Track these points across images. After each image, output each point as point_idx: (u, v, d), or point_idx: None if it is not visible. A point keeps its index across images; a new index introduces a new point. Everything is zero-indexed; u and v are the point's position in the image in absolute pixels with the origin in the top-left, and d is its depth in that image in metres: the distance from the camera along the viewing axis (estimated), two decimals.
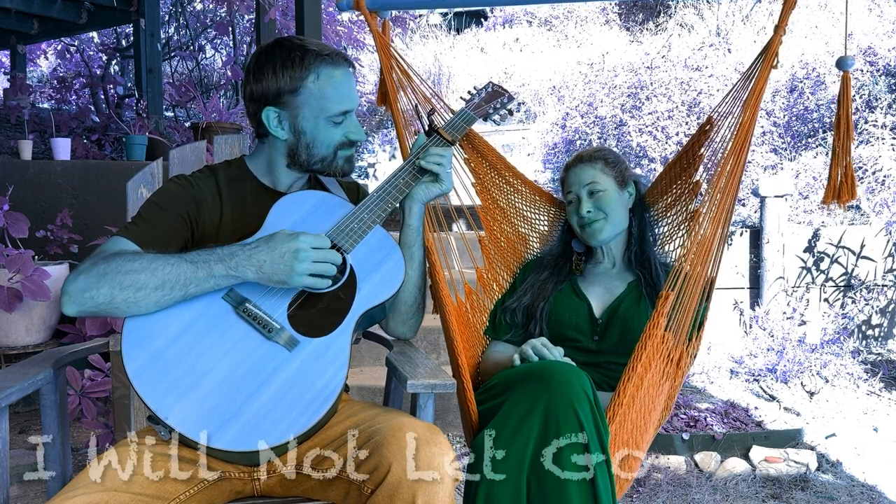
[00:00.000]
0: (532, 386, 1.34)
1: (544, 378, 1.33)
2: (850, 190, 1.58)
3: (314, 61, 1.37)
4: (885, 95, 4.90)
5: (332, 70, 1.38)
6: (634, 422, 1.47)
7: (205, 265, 1.21)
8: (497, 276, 1.93)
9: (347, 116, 1.41)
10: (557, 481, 1.27)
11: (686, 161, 1.82)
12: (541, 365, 1.41)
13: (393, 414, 1.29)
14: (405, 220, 1.49)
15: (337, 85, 1.38)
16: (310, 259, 1.21)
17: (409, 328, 1.54)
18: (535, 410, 1.30)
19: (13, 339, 2.88)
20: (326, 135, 1.40)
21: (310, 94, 1.37)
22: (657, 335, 1.41)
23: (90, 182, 3.70)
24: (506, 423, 1.32)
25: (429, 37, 8.98)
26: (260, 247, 1.22)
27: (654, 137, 5.06)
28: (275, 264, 1.20)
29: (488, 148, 1.96)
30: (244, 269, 1.21)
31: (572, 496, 1.26)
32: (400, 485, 1.10)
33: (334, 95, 1.38)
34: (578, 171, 1.77)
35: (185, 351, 1.19)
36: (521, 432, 1.29)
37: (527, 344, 1.53)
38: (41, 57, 7.05)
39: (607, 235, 1.74)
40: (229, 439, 1.14)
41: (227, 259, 1.21)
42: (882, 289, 4.01)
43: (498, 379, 1.49)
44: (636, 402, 1.43)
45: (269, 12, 4.44)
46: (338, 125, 1.40)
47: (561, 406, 1.28)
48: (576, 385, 1.30)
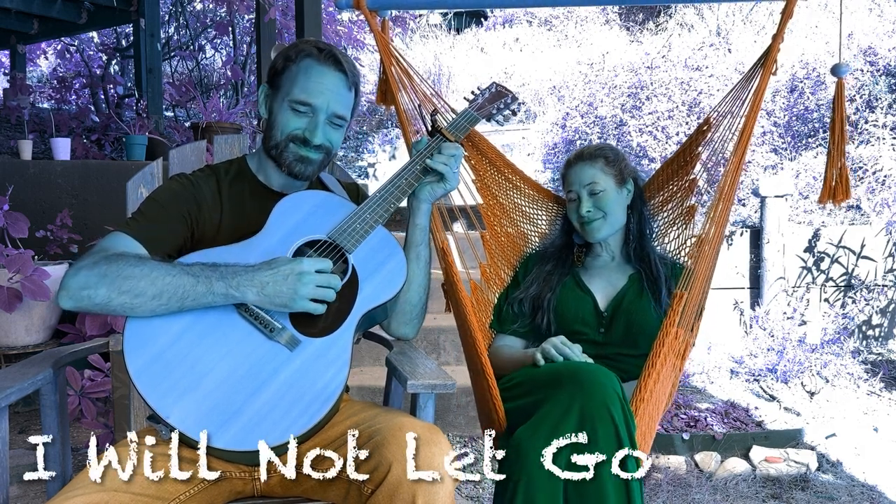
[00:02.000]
0: (565, 388, 1.38)
1: (575, 379, 1.38)
2: (845, 190, 1.68)
3: (307, 53, 1.41)
4: (885, 95, 4.90)
5: (314, 63, 1.40)
6: (651, 414, 1.53)
7: (206, 280, 1.20)
8: (499, 271, 1.98)
9: (313, 114, 1.40)
10: (594, 480, 1.30)
11: (683, 159, 1.87)
12: (568, 366, 1.46)
13: (393, 414, 1.29)
14: (413, 220, 1.49)
15: (311, 76, 1.40)
16: (313, 283, 1.21)
17: (413, 328, 1.54)
18: (572, 411, 1.34)
19: (13, 339, 2.88)
20: (283, 119, 1.41)
21: (287, 77, 1.41)
22: (672, 333, 1.46)
23: (90, 182, 3.70)
24: (542, 422, 1.36)
25: (429, 37, 8.98)
26: (262, 268, 1.22)
27: (654, 137, 5.06)
28: (277, 286, 1.20)
29: (489, 146, 1.98)
30: (245, 289, 1.20)
31: (609, 495, 1.31)
32: (400, 485, 1.10)
33: (304, 83, 1.39)
34: (579, 170, 1.81)
35: (186, 350, 1.19)
36: (558, 432, 1.32)
37: (547, 342, 1.56)
38: (41, 57, 7.05)
39: (606, 233, 1.79)
40: (230, 439, 1.14)
41: (228, 277, 1.21)
42: (882, 289, 4.01)
43: (522, 377, 1.53)
44: (653, 397, 1.49)
45: (269, 12, 4.44)
46: (298, 115, 1.40)
47: (595, 406, 1.33)
48: (608, 386, 1.35)
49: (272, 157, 1.44)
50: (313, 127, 1.40)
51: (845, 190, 1.68)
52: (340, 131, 1.46)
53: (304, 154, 1.41)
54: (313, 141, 1.40)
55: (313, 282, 1.21)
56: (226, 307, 1.24)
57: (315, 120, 1.40)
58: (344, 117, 1.44)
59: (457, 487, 2.52)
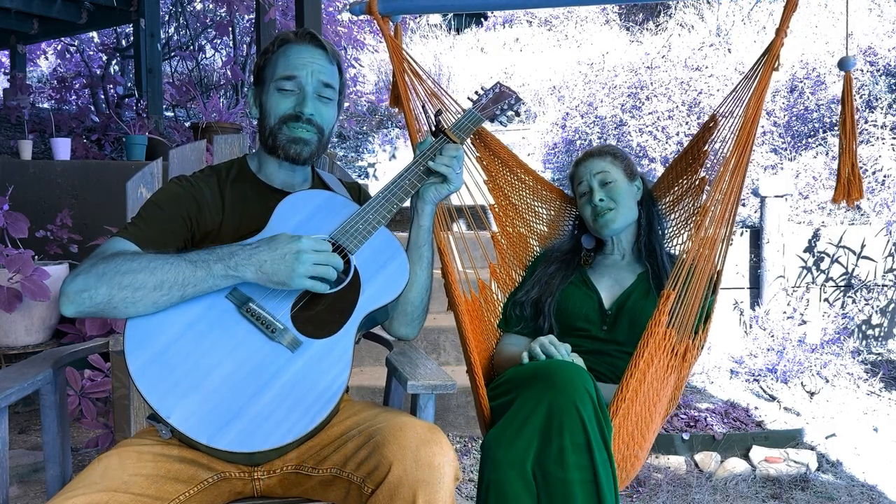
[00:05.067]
0: (536, 386, 1.36)
1: (548, 378, 1.35)
2: (858, 188, 1.62)
3: (283, 39, 1.44)
4: (885, 95, 4.90)
5: (292, 44, 1.43)
6: (639, 414, 1.49)
7: (203, 264, 1.20)
8: (510, 271, 1.98)
9: (300, 90, 1.41)
10: (561, 480, 1.28)
11: (691, 157, 1.87)
12: (545, 365, 1.44)
13: (393, 414, 1.28)
14: (416, 221, 1.48)
15: (290, 55, 1.42)
16: (311, 261, 1.20)
17: (414, 329, 1.53)
18: (539, 409, 1.31)
19: (13, 339, 2.88)
20: (272, 103, 1.42)
21: (269, 67, 1.44)
22: (659, 332, 1.43)
23: (90, 182, 3.70)
24: (511, 422, 1.34)
25: (429, 37, 8.99)
26: (261, 247, 1.22)
27: (654, 137, 5.06)
28: (275, 264, 1.20)
29: (500, 146, 1.99)
30: (244, 268, 1.20)
31: (576, 495, 1.28)
32: (400, 485, 1.10)
33: (284, 63, 1.42)
34: (589, 163, 1.82)
35: (187, 350, 1.19)
36: (525, 430, 1.31)
37: (535, 342, 1.55)
38: (41, 57, 7.05)
39: (619, 225, 1.78)
40: (230, 440, 1.14)
41: (226, 258, 1.21)
42: (882, 289, 4.01)
43: (508, 376, 1.52)
44: (640, 396, 1.46)
45: (269, 12, 4.44)
46: (286, 95, 1.41)
47: (564, 405, 1.30)
48: (578, 384, 1.32)
49: (268, 147, 1.45)
50: (301, 100, 1.41)
51: (859, 188, 1.61)
52: (331, 106, 1.46)
53: (296, 134, 1.41)
54: (304, 112, 1.40)
55: (311, 260, 1.20)
56: (227, 307, 1.24)
57: (303, 94, 1.41)
58: (331, 86, 1.44)
59: (457, 487, 2.52)
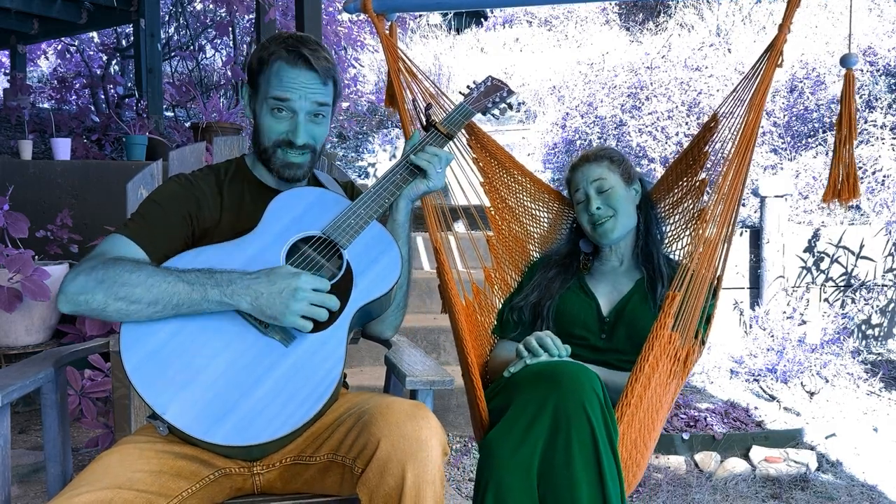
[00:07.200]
0: (542, 385, 1.33)
1: (554, 378, 1.33)
2: (852, 188, 1.55)
3: (277, 56, 1.40)
4: (885, 95, 4.90)
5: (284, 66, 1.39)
6: (642, 421, 1.46)
7: (201, 288, 1.20)
8: (505, 275, 1.93)
9: (293, 114, 1.40)
10: (567, 479, 1.26)
11: (691, 158, 1.82)
12: (550, 365, 1.41)
13: (382, 396, 1.30)
14: (391, 216, 1.49)
15: (283, 79, 1.39)
16: (307, 301, 1.20)
17: (389, 325, 1.53)
18: (545, 409, 1.29)
19: (13, 339, 2.88)
20: (267, 123, 1.41)
21: (263, 79, 1.41)
22: (664, 335, 1.40)
23: (90, 182, 3.70)
24: (516, 423, 1.32)
25: (429, 37, 8.99)
26: (260, 278, 1.21)
27: (653, 138, 5.06)
28: (271, 298, 1.19)
29: (497, 147, 1.95)
30: (239, 297, 1.20)
31: (582, 495, 1.26)
32: (389, 460, 1.11)
33: (277, 85, 1.39)
34: (585, 169, 1.77)
35: (182, 347, 1.20)
36: (532, 431, 1.29)
37: (531, 335, 1.53)
38: (41, 57, 7.05)
39: (619, 234, 1.74)
40: (225, 434, 1.14)
41: (223, 285, 1.20)
42: (882, 288, 4.01)
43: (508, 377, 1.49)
44: (644, 402, 1.43)
45: (269, 12, 4.44)
46: (279, 118, 1.40)
47: (571, 405, 1.28)
48: (586, 384, 1.30)
49: (263, 161, 1.46)
50: (294, 127, 1.40)
51: (852, 188, 1.54)
52: (324, 123, 1.46)
53: (290, 160, 1.42)
54: (297, 142, 1.40)
55: (307, 300, 1.20)
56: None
57: (296, 120, 1.41)
58: (325, 104, 1.43)
59: (456, 487, 2.52)
